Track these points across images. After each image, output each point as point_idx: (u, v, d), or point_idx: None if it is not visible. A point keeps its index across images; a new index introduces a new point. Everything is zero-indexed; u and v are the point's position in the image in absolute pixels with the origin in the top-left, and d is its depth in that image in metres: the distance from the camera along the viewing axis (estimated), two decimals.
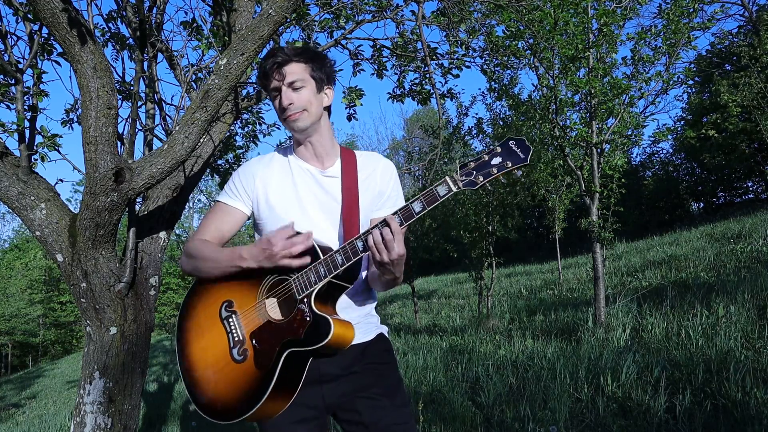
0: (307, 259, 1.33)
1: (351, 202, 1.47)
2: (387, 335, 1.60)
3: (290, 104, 1.44)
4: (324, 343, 1.28)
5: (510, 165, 1.28)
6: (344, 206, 1.47)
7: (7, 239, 36.18)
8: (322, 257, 1.34)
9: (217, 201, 1.57)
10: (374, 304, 1.60)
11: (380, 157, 1.59)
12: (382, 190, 1.54)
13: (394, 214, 1.29)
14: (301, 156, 1.54)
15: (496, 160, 1.28)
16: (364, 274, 1.53)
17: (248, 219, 1.58)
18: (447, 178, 1.28)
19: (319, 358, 1.42)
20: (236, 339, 1.40)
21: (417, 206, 1.28)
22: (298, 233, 1.35)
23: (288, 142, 4.08)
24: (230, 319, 1.43)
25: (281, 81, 1.44)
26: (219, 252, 1.45)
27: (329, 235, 1.48)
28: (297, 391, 1.35)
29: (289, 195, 1.50)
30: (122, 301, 2.32)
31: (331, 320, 1.29)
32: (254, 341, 1.37)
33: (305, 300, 1.34)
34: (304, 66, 1.46)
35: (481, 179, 1.27)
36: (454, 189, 1.27)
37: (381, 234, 1.27)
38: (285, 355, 1.32)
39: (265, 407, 1.32)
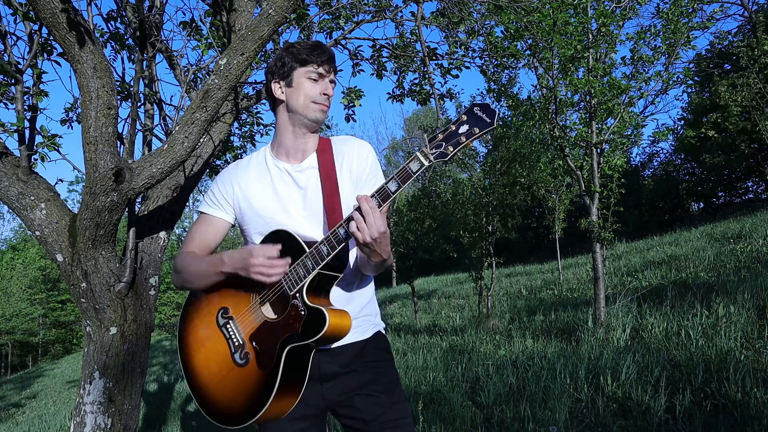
0: (278, 277, 1.34)
1: (331, 191, 1.47)
2: (384, 332, 1.61)
3: (328, 97, 1.48)
4: (321, 334, 1.29)
5: (477, 131, 1.28)
6: (325, 197, 1.47)
7: (6, 239, 36.20)
8: (307, 251, 1.35)
9: (200, 212, 1.58)
10: (370, 292, 1.58)
11: (354, 139, 1.58)
12: (359, 176, 1.52)
13: (371, 196, 1.30)
14: (278, 154, 1.54)
15: (464, 128, 1.29)
16: (352, 261, 1.52)
17: (232, 226, 1.58)
18: (417, 153, 1.29)
19: (320, 354, 1.43)
20: (236, 344, 1.42)
21: (392, 186, 1.29)
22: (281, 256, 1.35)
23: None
24: (228, 325, 1.45)
25: (329, 73, 1.48)
26: (203, 261, 1.47)
27: (314, 230, 1.48)
28: (303, 388, 1.36)
29: (269, 195, 1.50)
30: (122, 301, 2.32)
31: (325, 311, 1.30)
32: (254, 343, 1.39)
33: (297, 295, 1.35)
34: (335, 72, 1.53)
35: (451, 149, 1.28)
36: (426, 163, 1.28)
37: (360, 213, 1.27)
38: (286, 352, 1.33)
39: (274, 407, 1.32)
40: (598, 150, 5.85)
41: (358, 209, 1.27)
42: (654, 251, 10.81)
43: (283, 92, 1.49)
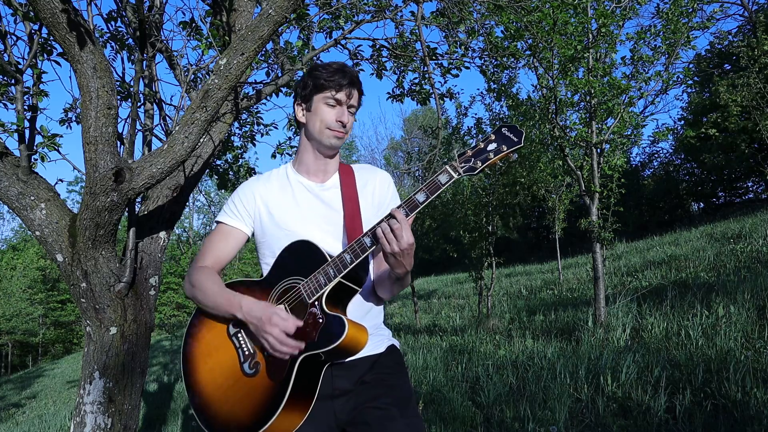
0: (285, 356, 1.31)
1: (353, 210, 1.48)
2: (398, 348, 1.59)
3: (344, 125, 1.49)
4: (339, 342, 1.25)
5: (505, 149, 1.34)
6: (346, 215, 1.47)
7: (6, 239, 36.22)
8: (329, 259, 1.33)
9: (218, 222, 1.56)
10: (382, 315, 1.59)
11: (377, 169, 1.63)
12: (381, 201, 1.55)
13: (398, 207, 1.31)
14: (300, 171, 1.55)
15: (492, 146, 1.35)
16: (368, 282, 1.51)
17: (248, 240, 1.56)
18: (447, 166, 1.33)
19: (333, 368, 1.39)
20: (246, 353, 1.38)
21: (420, 196, 1.32)
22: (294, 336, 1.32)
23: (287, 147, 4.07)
24: (239, 335, 1.41)
25: (347, 99, 1.49)
26: (221, 293, 1.43)
27: (333, 247, 1.47)
28: (312, 404, 1.32)
29: (291, 209, 1.50)
30: (122, 301, 2.32)
31: (344, 319, 1.28)
32: (266, 353, 1.34)
33: (316, 303, 1.32)
34: (359, 96, 1.54)
35: (480, 164, 1.34)
36: (455, 176, 1.33)
37: (389, 224, 1.28)
38: (299, 361, 1.29)
39: (281, 421, 1.28)
40: (598, 150, 5.85)
41: (389, 221, 1.28)
42: (654, 251, 10.82)
43: (303, 115, 1.52)
